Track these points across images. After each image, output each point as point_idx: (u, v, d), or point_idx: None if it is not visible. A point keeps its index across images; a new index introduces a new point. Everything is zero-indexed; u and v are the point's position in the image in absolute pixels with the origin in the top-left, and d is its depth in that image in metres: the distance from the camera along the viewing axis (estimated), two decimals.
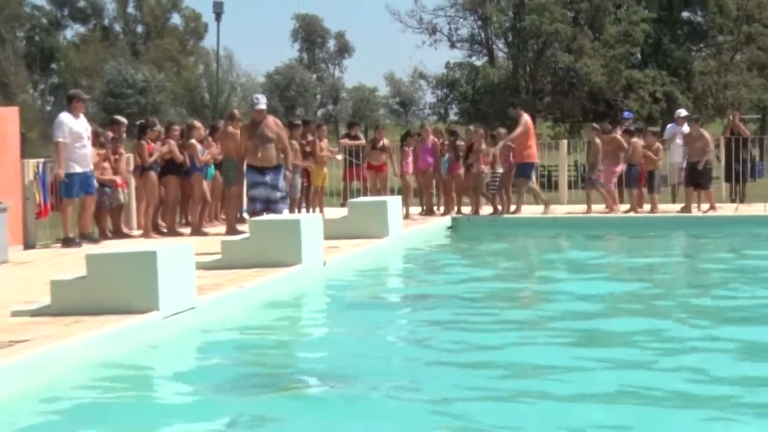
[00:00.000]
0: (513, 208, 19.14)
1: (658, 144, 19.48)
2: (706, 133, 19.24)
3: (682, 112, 22.57)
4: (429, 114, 47.88)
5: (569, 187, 22.47)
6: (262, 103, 14.83)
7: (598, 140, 19.69)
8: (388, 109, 70.65)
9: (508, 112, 21.32)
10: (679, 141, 20.84)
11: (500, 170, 18.88)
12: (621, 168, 19.19)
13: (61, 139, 15.33)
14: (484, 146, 18.91)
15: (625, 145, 19.15)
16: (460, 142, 19.45)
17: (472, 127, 20.63)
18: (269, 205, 14.31)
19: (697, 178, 18.79)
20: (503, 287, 13.32)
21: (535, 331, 10.38)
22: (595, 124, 22.22)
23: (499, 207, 19.04)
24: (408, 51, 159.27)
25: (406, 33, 50.77)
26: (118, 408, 7.60)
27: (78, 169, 15.37)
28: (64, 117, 15.44)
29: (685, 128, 20.84)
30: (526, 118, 19.32)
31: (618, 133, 19.37)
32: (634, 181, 19.23)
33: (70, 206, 15.69)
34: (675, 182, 21.18)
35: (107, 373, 8.28)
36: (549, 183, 24.70)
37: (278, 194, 14.44)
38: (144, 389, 8.31)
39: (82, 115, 15.85)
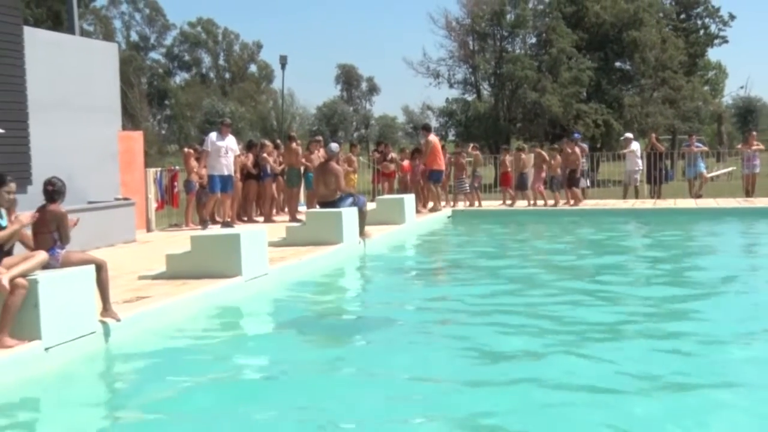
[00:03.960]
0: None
1: (577, 151, 20.00)
2: (577, 150, 20.09)
3: (628, 135, 23.67)
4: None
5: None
6: (333, 150, 14.81)
7: (507, 157, 20.74)
8: (404, 132, 72.28)
9: (421, 131, 21.76)
10: (636, 153, 22.15)
11: (466, 178, 20.22)
12: (545, 174, 20.08)
13: (207, 148, 15.77)
14: (462, 161, 20.30)
15: (547, 158, 20.06)
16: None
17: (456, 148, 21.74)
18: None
19: (571, 182, 19.89)
20: (486, 254, 14.40)
21: (504, 279, 11.38)
22: (505, 146, 23.36)
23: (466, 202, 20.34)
24: (419, 90, 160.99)
25: (417, 77, 52.26)
26: (215, 341, 8.09)
27: (216, 173, 15.70)
28: (212, 135, 15.93)
29: (633, 145, 22.40)
30: (429, 138, 19.83)
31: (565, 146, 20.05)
32: (557, 184, 20.01)
33: (211, 200, 16.10)
34: (627, 184, 22.34)
35: (206, 320, 8.70)
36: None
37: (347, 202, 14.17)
38: (233, 329, 8.73)
39: (230, 136, 16.08)
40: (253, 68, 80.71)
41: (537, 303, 9.61)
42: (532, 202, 20.36)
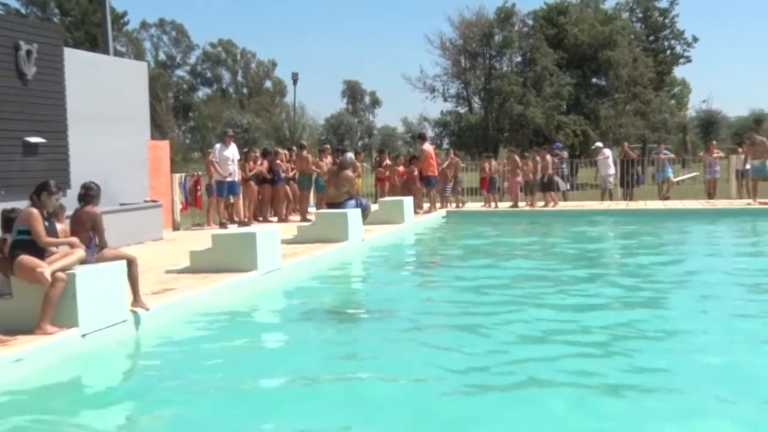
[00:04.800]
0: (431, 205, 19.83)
1: (547, 158, 20.06)
2: (548, 157, 20.19)
3: (598, 144, 23.80)
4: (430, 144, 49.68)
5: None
6: (349, 159, 15.21)
7: (486, 164, 20.55)
8: (403, 141, 72.19)
9: (417, 140, 21.67)
10: (609, 160, 22.24)
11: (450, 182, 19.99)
12: (520, 179, 19.95)
13: (213, 158, 16.24)
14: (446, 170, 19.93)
15: (520, 163, 19.98)
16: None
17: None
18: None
19: (547, 186, 19.89)
20: (478, 247, 14.49)
21: (493, 270, 11.52)
22: (486, 154, 23.14)
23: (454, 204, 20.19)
24: (416, 103, 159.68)
25: (415, 91, 52.44)
26: (234, 328, 8.08)
27: (226, 178, 16.05)
28: (217, 146, 16.33)
29: (606, 152, 22.44)
30: (424, 147, 19.77)
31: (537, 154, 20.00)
32: (530, 188, 19.88)
33: (220, 203, 16.36)
34: (603, 188, 22.36)
35: (225, 309, 8.66)
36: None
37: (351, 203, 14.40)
38: (250, 318, 8.80)
39: (232, 145, 16.45)
40: (268, 84, 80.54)
41: (523, 290, 9.84)
42: (512, 203, 20.29)
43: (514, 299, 9.26)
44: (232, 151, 16.42)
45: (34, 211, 6.93)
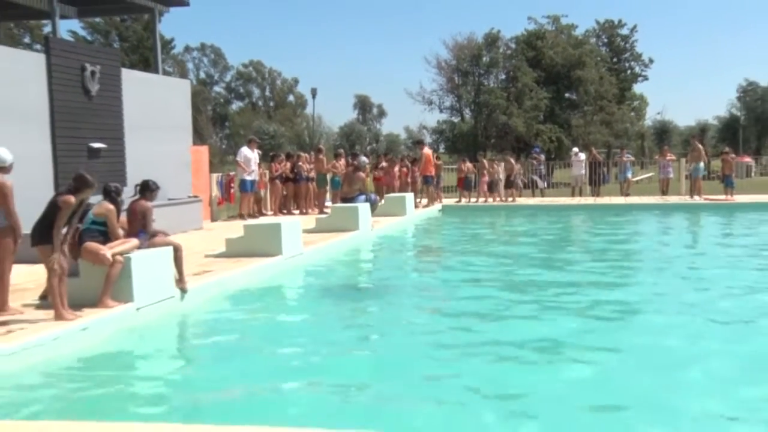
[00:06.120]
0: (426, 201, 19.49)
1: (511, 161, 20.48)
2: (512, 161, 20.53)
3: (575, 150, 23.64)
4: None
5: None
6: (363, 162, 15.32)
7: (463, 166, 20.42)
8: (406, 146, 72.02)
9: (417, 145, 21.74)
10: (581, 162, 22.09)
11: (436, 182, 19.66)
12: (486, 179, 19.93)
13: (239, 159, 16.14)
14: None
15: (486, 166, 19.89)
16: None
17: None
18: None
19: (510, 184, 20.03)
20: (468, 234, 14.54)
21: (483, 253, 11.60)
22: (461, 157, 22.99)
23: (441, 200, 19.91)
24: (417, 114, 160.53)
25: (416, 104, 52.17)
26: (263, 303, 8.08)
27: (248, 177, 16.00)
28: (243, 149, 16.24)
29: (581, 156, 22.31)
30: (423, 151, 19.59)
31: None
32: (495, 186, 19.92)
33: (245, 198, 16.22)
34: (574, 186, 22.15)
35: (255, 288, 8.66)
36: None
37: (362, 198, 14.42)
38: (276, 295, 8.74)
39: (255, 149, 16.34)
40: (291, 98, 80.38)
41: (508, 269, 9.94)
42: (483, 199, 20.10)
43: (500, 275, 9.39)
44: (255, 155, 16.26)
45: (113, 208, 6.94)
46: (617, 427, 4.28)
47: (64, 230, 6.43)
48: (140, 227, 7.44)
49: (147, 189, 7.59)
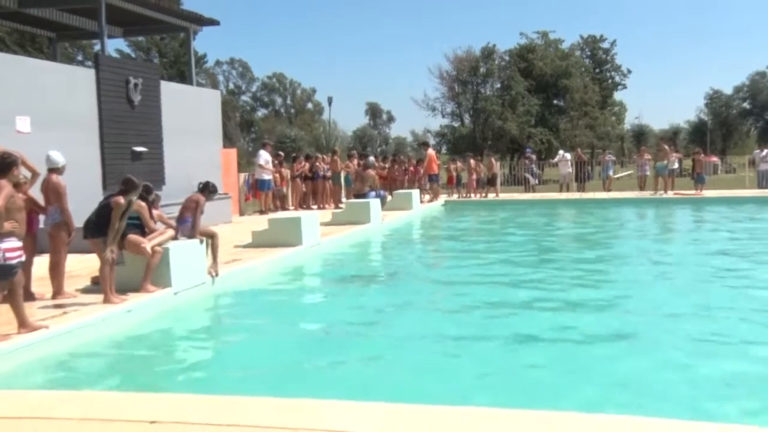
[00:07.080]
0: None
1: (493, 161, 20.52)
2: (493, 161, 20.53)
3: (561, 151, 23.43)
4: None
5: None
6: (371, 162, 15.26)
7: (453, 166, 20.07)
8: (412, 148, 71.74)
9: (423, 147, 21.32)
10: (568, 162, 21.85)
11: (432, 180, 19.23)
12: (474, 177, 19.61)
13: (261, 162, 15.92)
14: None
15: (473, 165, 19.57)
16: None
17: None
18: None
19: (492, 182, 19.79)
20: (469, 226, 14.56)
21: (482, 244, 11.53)
22: (452, 157, 22.45)
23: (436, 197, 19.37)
24: (421, 119, 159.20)
25: (421, 110, 52.16)
26: (286, 288, 8.05)
27: (266, 177, 15.96)
28: (261, 151, 16.16)
29: (567, 156, 22.15)
30: (428, 152, 19.33)
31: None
32: (482, 183, 19.78)
33: (263, 195, 16.07)
34: (562, 183, 21.88)
35: (279, 274, 8.60)
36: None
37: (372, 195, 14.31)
38: (297, 281, 8.68)
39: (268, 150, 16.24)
40: (309, 105, 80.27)
41: (508, 256, 9.89)
42: (471, 195, 19.78)
43: (499, 260, 9.39)
44: (271, 157, 16.15)
45: (144, 204, 6.97)
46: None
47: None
48: (189, 215, 7.42)
49: (207, 188, 7.64)
